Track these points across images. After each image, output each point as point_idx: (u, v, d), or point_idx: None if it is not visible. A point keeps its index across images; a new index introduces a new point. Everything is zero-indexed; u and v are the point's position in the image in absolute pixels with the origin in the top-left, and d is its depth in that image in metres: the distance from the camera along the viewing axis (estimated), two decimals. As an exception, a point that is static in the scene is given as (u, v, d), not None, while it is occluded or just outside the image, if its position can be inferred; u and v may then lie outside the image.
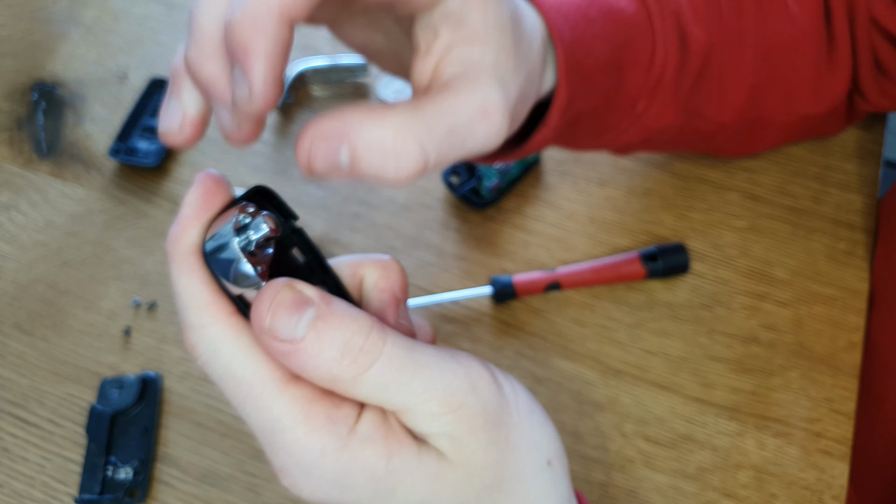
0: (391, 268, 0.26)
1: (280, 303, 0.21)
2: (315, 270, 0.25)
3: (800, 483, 0.41)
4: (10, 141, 0.52)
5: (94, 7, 0.57)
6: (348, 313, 0.21)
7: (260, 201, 0.24)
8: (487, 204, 0.48)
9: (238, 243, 0.22)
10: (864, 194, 0.49)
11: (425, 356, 0.22)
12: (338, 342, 0.21)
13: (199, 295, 0.23)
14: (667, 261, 0.45)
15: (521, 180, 0.50)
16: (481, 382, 0.23)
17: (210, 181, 0.24)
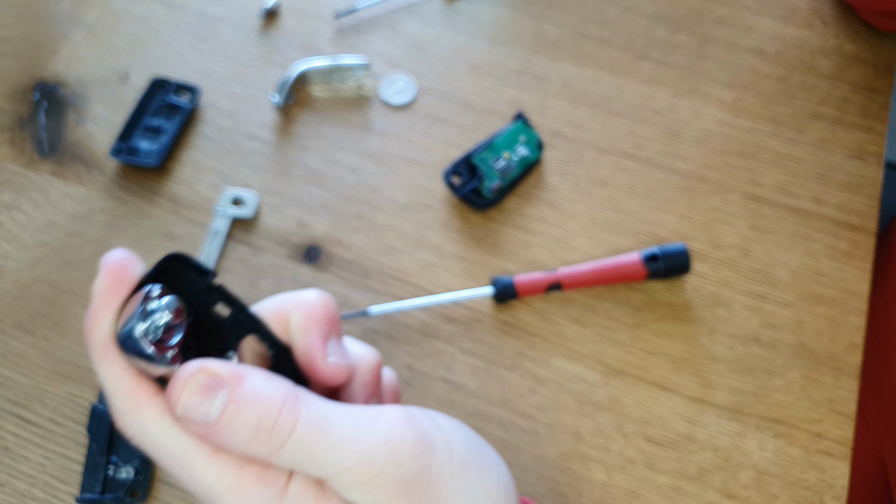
0: (314, 306, 0.26)
1: (192, 389, 0.22)
2: (241, 323, 0.25)
3: (801, 484, 0.41)
4: (12, 140, 0.52)
5: (96, 7, 0.57)
6: (260, 392, 0.22)
7: (173, 270, 0.24)
8: (489, 204, 0.48)
9: (143, 332, 0.22)
10: (866, 195, 0.49)
11: (342, 426, 0.22)
12: (250, 423, 0.21)
13: (120, 381, 0.23)
14: (668, 261, 0.45)
15: (522, 181, 0.50)
16: (402, 447, 0.23)
17: (115, 266, 0.23)
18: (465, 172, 0.49)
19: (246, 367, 0.23)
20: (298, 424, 0.22)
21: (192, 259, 0.24)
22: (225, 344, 0.25)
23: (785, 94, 0.53)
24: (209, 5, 0.57)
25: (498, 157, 0.49)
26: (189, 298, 0.24)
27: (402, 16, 0.57)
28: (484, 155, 0.49)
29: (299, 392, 0.23)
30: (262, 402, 0.22)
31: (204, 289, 0.25)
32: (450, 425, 0.25)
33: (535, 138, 0.50)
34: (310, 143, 0.51)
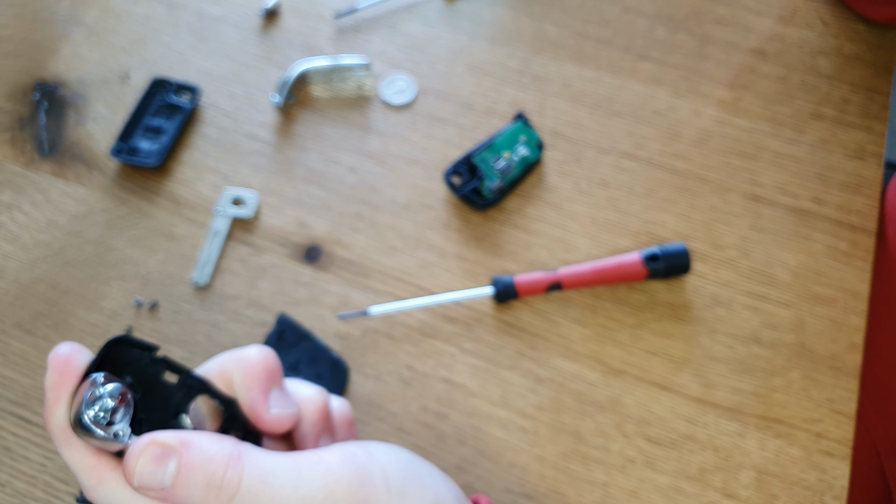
0: (253, 363, 0.29)
1: (145, 461, 0.24)
2: (189, 386, 0.28)
3: (801, 484, 0.41)
4: (12, 140, 0.52)
5: (96, 7, 0.57)
6: (206, 455, 0.25)
7: (118, 351, 0.27)
8: (489, 204, 0.48)
9: (92, 418, 0.25)
10: (866, 195, 0.49)
11: (282, 476, 0.25)
12: (200, 483, 0.24)
13: (83, 461, 0.26)
14: (668, 261, 0.45)
15: (522, 181, 0.50)
16: (338, 487, 0.26)
17: (60, 361, 0.26)
18: (466, 172, 0.49)
19: (192, 433, 0.25)
20: (243, 479, 0.25)
21: (134, 338, 0.27)
22: (177, 408, 0.28)
23: (785, 94, 0.53)
24: (209, 5, 0.57)
25: (498, 157, 0.49)
26: (137, 373, 0.27)
27: (403, 16, 0.57)
28: (484, 155, 0.49)
29: (243, 448, 0.25)
30: (208, 463, 0.24)
31: (150, 362, 0.27)
32: (386, 455, 0.28)
33: (535, 138, 0.50)
34: (310, 143, 0.51)
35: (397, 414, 0.43)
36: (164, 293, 0.46)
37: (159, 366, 0.28)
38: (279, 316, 0.45)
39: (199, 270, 0.46)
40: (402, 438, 0.42)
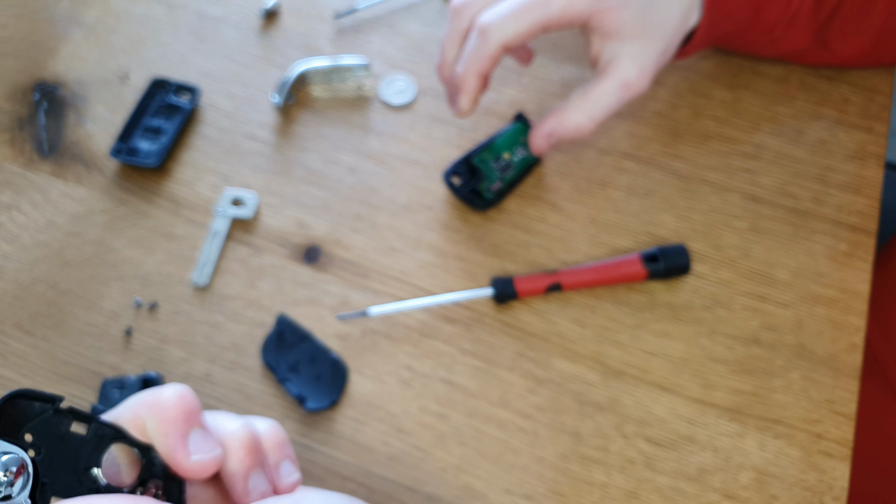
0: (167, 407, 0.27)
1: None
2: (102, 435, 0.26)
3: (801, 484, 0.41)
4: (12, 141, 0.52)
5: (96, 7, 0.57)
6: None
7: (18, 406, 0.25)
8: (488, 204, 0.48)
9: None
10: (866, 196, 0.49)
11: None
12: None
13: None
14: (668, 262, 0.45)
15: (522, 181, 0.50)
16: None
17: None
18: (466, 173, 0.49)
19: (90, 500, 0.24)
20: None
21: (33, 391, 0.25)
22: (88, 462, 0.26)
23: (785, 94, 0.53)
24: (209, 6, 0.57)
25: (498, 158, 0.49)
26: (40, 428, 0.25)
27: (402, 16, 0.57)
28: (484, 156, 0.49)
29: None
30: None
31: (53, 414, 0.25)
32: (319, 500, 0.26)
33: (524, 129, 0.50)
34: (310, 144, 0.51)
35: (397, 414, 0.43)
36: (163, 293, 0.46)
37: (65, 417, 0.26)
38: (279, 316, 0.45)
39: (198, 271, 0.46)
40: (401, 439, 0.42)
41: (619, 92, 0.43)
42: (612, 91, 0.43)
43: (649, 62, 0.43)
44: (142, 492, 0.27)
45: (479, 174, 0.48)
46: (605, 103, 0.43)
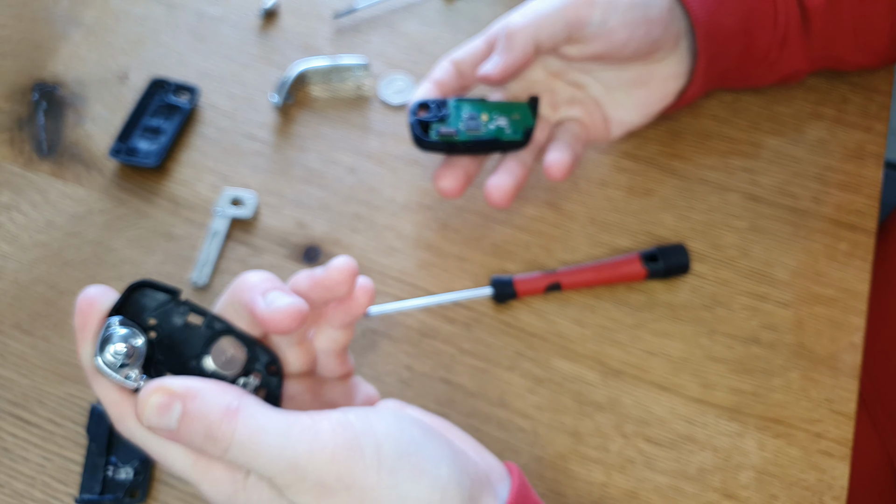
0: (248, 276, 0.30)
1: (151, 406, 0.26)
2: (213, 328, 0.30)
3: (800, 484, 0.41)
4: (11, 141, 0.52)
5: (95, 7, 0.57)
6: (206, 405, 0.26)
7: (142, 295, 0.29)
8: (427, 145, 0.44)
9: (103, 361, 0.27)
10: (865, 195, 0.49)
11: (272, 436, 0.26)
12: (200, 431, 0.26)
13: (108, 397, 0.28)
14: (667, 261, 0.45)
15: (487, 152, 0.48)
16: (322, 455, 0.26)
17: (84, 304, 0.28)
18: (435, 109, 0.44)
19: (199, 382, 0.27)
20: (235, 435, 0.26)
21: (156, 282, 0.29)
22: (199, 350, 0.29)
23: (785, 94, 0.53)
24: (208, 5, 0.57)
25: (475, 115, 0.44)
26: (160, 316, 0.29)
27: (402, 16, 0.57)
28: (464, 104, 0.44)
29: (243, 403, 0.27)
30: (207, 415, 0.26)
31: (172, 305, 0.29)
32: (386, 428, 0.28)
33: (527, 124, 0.45)
34: (309, 144, 0.51)
35: (396, 414, 0.43)
36: (162, 294, 0.46)
37: (182, 308, 0.29)
38: (278, 316, 0.45)
39: (198, 271, 0.46)
40: (401, 439, 0.42)
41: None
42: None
43: None
44: (244, 383, 0.30)
45: (444, 116, 0.44)
46: None
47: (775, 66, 0.48)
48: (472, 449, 0.32)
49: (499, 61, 0.42)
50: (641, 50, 0.43)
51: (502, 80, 0.42)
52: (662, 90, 0.47)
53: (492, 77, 0.42)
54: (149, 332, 0.28)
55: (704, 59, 0.45)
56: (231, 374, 0.29)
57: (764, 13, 0.46)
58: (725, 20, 0.45)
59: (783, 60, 0.48)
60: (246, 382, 0.30)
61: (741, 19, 0.45)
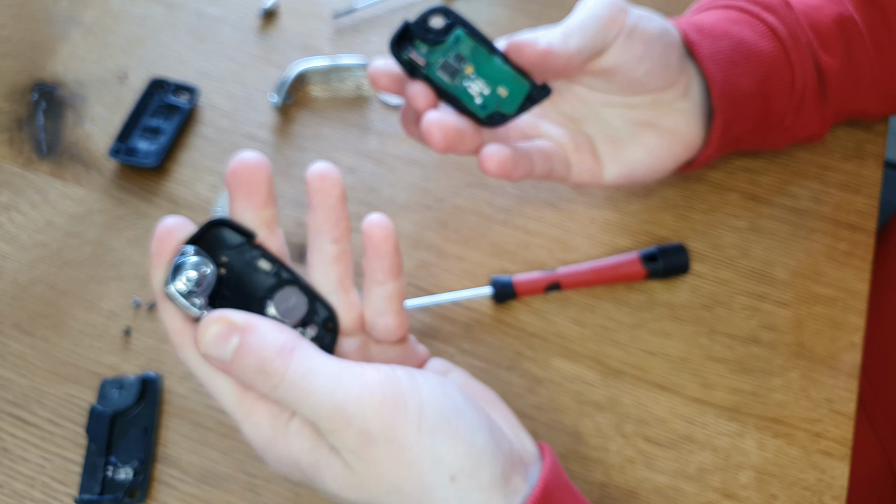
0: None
1: (211, 334, 0.27)
2: (281, 277, 0.30)
3: (800, 484, 0.41)
4: (11, 141, 0.52)
5: (95, 7, 0.57)
6: (262, 342, 0.27)
7: (218, 232, 0.30)
8: (410, 68, 0.38)
9: (173, 287, 0.28)
10: (865, 195, 0.49)
11: (323, 379, 0.27)
12: (253, 365, 0.27)
13: (171, 324, 0.29)
14: (667, 261, 0.45)
15: (458, 105, 0.47)
16: (370, 405, 0.27)
17: (163, 231, 0.29)
18: (437, 30, 0.35)
19: (259, 319, 0.28)
20: (287, 373, 0.27)
21: (235, 223, 0.30)
22: (265, 294, 0.30)
23: (784, 94, 0.53)
24: (208, 5, 0.57)
25: (462, 59, 0.35)
26: (233, 255, 0.30)
27: (401, 15, 0.57)
28: (466, 41, 0.35)
29: (298, 344, 0.28)
30: (261, 350, 0.27)
31: (247, 247, 0.30)
32: (430, 390, 0.29)
33: (505, 109, 0.36)
34: (308, 144, 0.51)
35: (396, 414, 0.43)
36: (162, 294, 0.46)
37: (255, 252, 0.30)
38: (277, 316, 0.45)
39: (197, 271, 0.46)
40: (400, 439, 0.42)
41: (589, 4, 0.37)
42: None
43: None
44: (301, 332, 0.31)
45: (438, 41, 0.35)
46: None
47: (791, 131, 0.46)
48: (510, 426, 0.32)
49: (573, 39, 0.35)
50: (655, 74, 0.39)
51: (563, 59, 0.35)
52: (672, 134, 0.42)
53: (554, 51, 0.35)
54: (220, 268, 0.29)
55: (721, 119, 0.41)
56: (290, 322, 0.30)
57: (781, 78, 0.43)
58: (741, 82, 0.42)
59: (799, 126, 0.45)
60: (303, 333, 0.31)
61: (757, 82, 0.42)
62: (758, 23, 0.43)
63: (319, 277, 0.32)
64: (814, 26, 0.44)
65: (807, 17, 0.44)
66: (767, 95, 0.43)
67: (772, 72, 0.43)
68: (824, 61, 0.44)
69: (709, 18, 0.43)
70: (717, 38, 0.42)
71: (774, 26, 0.43)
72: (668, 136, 0.42)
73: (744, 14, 0.43)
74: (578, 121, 0.42)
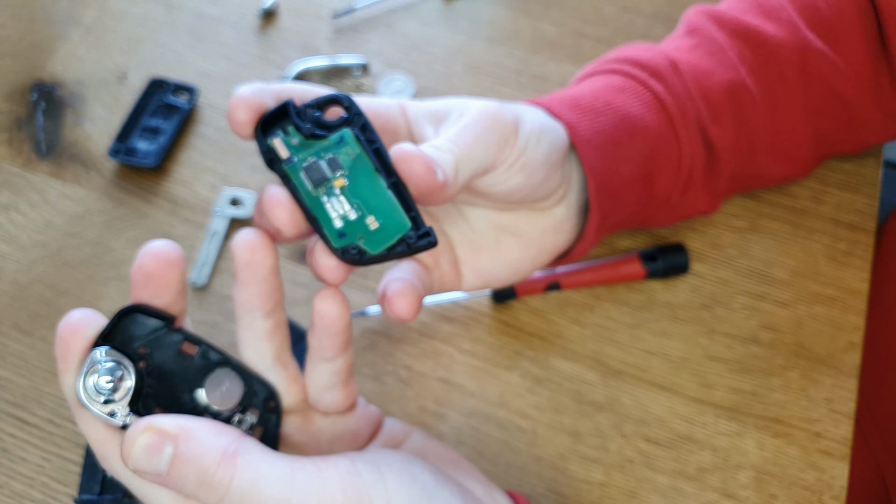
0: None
1: (140, 447, 0.24)
2: (209, 359, 0.27)
3: (800, 483, 0.41)
4: (10, 141, 0.52)
5: (94, 7, 0.57)
6: (201, 448, 0.24)
7: (132, 320, 0.26)
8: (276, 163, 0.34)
9: (87, 395, 0.25)
10: (865, 194, 0.49)
11: (274, 485, 0.24)
12: (193, 476, 0.24)
13: (91, 433, 0.26)
14: (666, 261, 0.45)
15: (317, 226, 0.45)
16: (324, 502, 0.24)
17: (67, 332, 0.26)
18: (327, 120, 0.28)
19: (192, 422, 0.25)
20: (233, 482, 0.24)
21: (149, 308, 0.27)
22: (193, 382, 0.27)
23: (783, 94, 0.53)
24: (207, 5, 0.57)
25: (335, 168, 0.28)
26: (151, 344, 0.26)
27: (401, 16, 0.57)
28: (349, 146, 0.28)
29: (241, 446, 0.25)
30: (201, 458, 0.24)
31: (165, 333, 0.27)
32: (396, 479, 0.26)
33: (370, 249, 0.27)
34: (308, 144, 0.51)
35: (395, 414, 0.43)
36: (161, 294, 0.46)
37: (176, 336, 0.27)
38: (277, 316, 0.45)
39: (197, 271, 0.46)
40: (400, 439, 0.42)
41: (478, 119, 0.31)
42: (456, 121, 0.31)
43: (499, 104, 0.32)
44: (239, 420, 0.28)
45: (321, 134, 0.28)
46: (459, 135, 0.30)
47: (677, 209, 0.43)
48: (479, 483, 0.31)
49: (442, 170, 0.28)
50: (533, 196, 0.35)
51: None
52: (539, 244, 0.37)
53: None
54: (138, 362, 0.26)
55: (597, 214, 0.38)
56: (226, 409, 0.28)
57: (667, 157, 0.39)
58: (623, 167, 0.38)
59: (687, 203, 0.42)
60: (241, 419, 0.28)
61: (640, 164, 0.39)
62: (644, 91, 0.39)
63: (253, 354, 0.29)
64: (704, 94, 0.40)
65: (696, 82, 0.40)
66: (651, 177, 0.39)
67: (657, 150, 0.39)
68: (714, 134, 0.40)
69: (591, 88, 0.39)
70: (599, 114, 0.38)
71: (662, 97, 0.39)
72: (532, 247, 0.37)
73: (629, 80, 0.40)
74: (440, 220, 0.36)
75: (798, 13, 0.43)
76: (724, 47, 0.42)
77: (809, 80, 0.42)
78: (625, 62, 0.41)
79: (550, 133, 0.35)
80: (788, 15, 0.43)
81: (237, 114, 0.27)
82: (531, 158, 0.33)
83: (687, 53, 0.42)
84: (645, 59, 0.40)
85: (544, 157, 0.34)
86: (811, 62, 0.42)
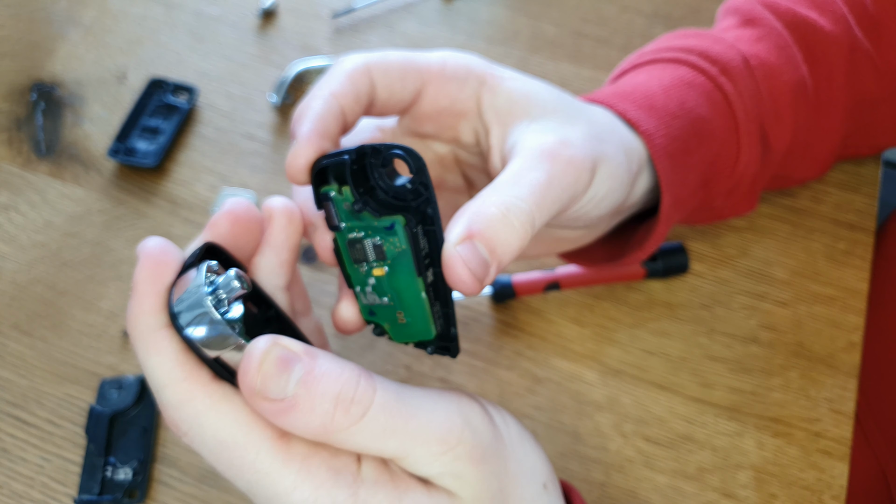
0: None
1: (268, 362, 0.21)
2: (268, 319, 0.25)
3: (799, 483, 0.41)
4: (9, 141, 0.52)
5: (93, 7, 0.57)
6: (335, 365, 0.21)
7: (212, 257, 0.24)
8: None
9: (212, 304, 0.21)
10: (864, 194, 0.49)
11: (416, 398, 0.22)
12: (329, 395, 0.21)
13: (172, 372, 0.22)
14: (666, 261, 0.45)
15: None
16: (474, 416, 0.24)
17: (155, 252, 0.23)
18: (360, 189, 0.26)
19: (314, 348, 0.22)
20: (377, 394, 0.21)
21: (227, 251, 0.25)
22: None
23: (783, 93, 0.53)
24: (207, 5, 0.57)
25: (375, 256, 0.26)
26: None
27: (400, 15, 0.57)
28: (398, 233, 0.25)
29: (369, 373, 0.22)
30: (339, 373, 0.21)
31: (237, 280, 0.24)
32: (501, 414, 0.27)
33: (425, 337, 0.29)
34: (307, 143, 0.51)
35: (395, 414, 0.43)
36: (161, 294, 0.46)
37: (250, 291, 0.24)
38: (277, 316, 0.45)
39: (196, 271, 0.46)
40: (400, 439, 0.42)
41: (545, 163, 0.26)
42: (531, 166, 0.26)
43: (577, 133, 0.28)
44: None
45: (363, 216, 0.26)
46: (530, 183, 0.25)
47: (718, 212, 0.42)
48: None
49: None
50: (606, 218, 0.34)
51: None
52: (558, 241, 0.37)
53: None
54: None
55: (665, 228, 0.36)
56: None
57: (724, 163, 0.38)
58: (689, 176, 0.36)
59: (729, 206, 0.41)
60: None
61: (703, 172, 0.37)
62: (714, 90, 0.37)
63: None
64: (772, 94, 0.38)
65: (767, 81, 0.38)
66: (709, 184, 0.38)
67: (718, 156, 0.37)
68: (774, 136, 0.38)
69: (660, 83, 0.36)
70: (674, 118, 0.35)
71: (732, 99, 0.37)
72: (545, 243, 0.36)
73: (699, 75, 0.37)
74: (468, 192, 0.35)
75: (848, 8, 0.41)
76: (789, 42, 0.39)
77: (852, 80, 0.41)
78: (691, 52, 0.38)
79: (624, 177, 0.31)
80: (840, 9, 0.40)
81: (298, 160, 0.25)
82: (598, 208, 0.30)
83: (752, 45, 0.39)
84: (716, 54, 0.38)
85: (614, 209, 0.31)
86: (858, 61, 0.40)
